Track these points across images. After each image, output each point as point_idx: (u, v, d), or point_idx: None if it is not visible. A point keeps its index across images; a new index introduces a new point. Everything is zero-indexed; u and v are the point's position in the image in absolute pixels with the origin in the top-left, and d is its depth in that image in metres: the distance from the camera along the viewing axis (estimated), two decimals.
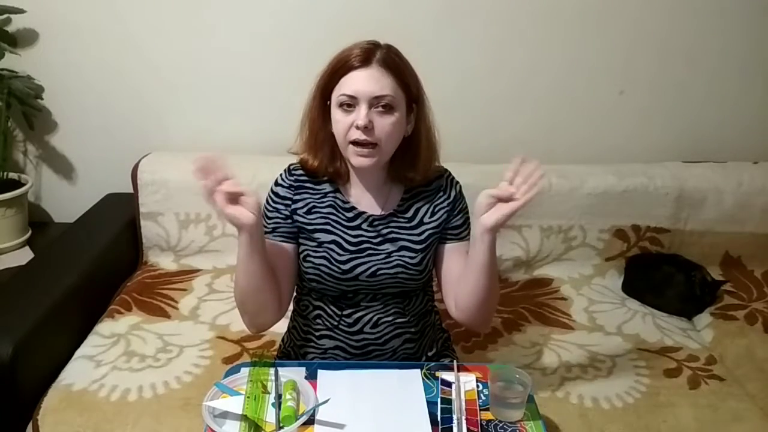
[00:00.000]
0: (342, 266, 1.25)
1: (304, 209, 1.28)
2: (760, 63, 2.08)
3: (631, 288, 1.94)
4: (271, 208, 1.28)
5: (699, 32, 2.03)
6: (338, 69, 1.18)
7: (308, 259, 1.26)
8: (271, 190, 1.30)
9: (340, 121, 1.18)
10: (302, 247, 1.28)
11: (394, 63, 1.18)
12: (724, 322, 1.79)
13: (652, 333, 1.73)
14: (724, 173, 2.00)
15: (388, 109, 1.17)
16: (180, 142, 2.08)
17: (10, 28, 1.99)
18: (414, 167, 1.26)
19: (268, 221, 1.28)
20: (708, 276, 1.89)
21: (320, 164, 1.26)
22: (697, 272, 1.87)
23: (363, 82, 1.16)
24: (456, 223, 1.31)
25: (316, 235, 1.27)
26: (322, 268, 1.25)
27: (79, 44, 2.00)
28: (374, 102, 1.16)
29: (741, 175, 2.00)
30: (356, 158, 1.19)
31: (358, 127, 1.16)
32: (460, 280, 1.24)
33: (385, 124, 1.17)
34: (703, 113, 2.13)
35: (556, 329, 1.73)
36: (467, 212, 1.32)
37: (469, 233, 1.29)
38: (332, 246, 1.26)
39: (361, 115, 1.15)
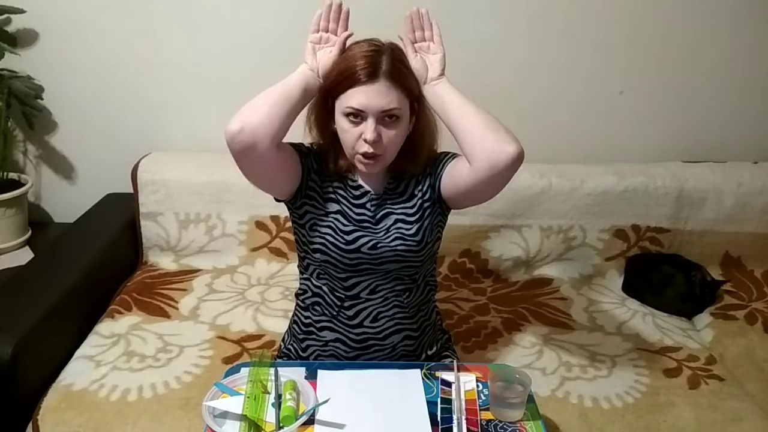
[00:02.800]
0: (346, 236, 1.27)
1: (319, 176, 1.31)
2: (760, 63, 2.08)
3: (631, 288, 1.94)
4: (307, 148, 1.32)
5: (699, 32, 2.03)
6: (343, 80, 1.18)
7: (315, 227, 1.28)
8: (310, 144, 1.33)
9: (347, 131, 1.20)
10: (309, 215, 1.29)
11: (399, 72, 1.19)
12: (724, 322, 1.79)
13: (652, 333, 1.73)
14: (724, 173, 2.00)
15: (395, 119, 1.19)
16: (180, 142, 2.08)
17: (10, 28, 1.98)
18: (415, 162, 1.29)
19: (303, 146, 1.31)
20: (708, 276, 1.89)
21: (335, 164, 1.30)
22: (697, 272, 1.87)
23: (371, 96, 1.16)
24: (439, 160, 1.31)
25: (327, 204, 1.29)
26: (328, 237, 1.27)
27: (79, 44, 2.00)
28: (382, 115, 1.18)
29: (741, 175, 2.00)
30: (363, 166, 1.23)
31: (366, 141, 1.18)
32: (459, 141, 1.21)
33: (391, 134, 1.20)
34: (703, 113, 2.13)
35: (556, 329, 1.73)
36: (440, 153, 1.34)
37: (451, 155, 1.31)
38: (338, 216, 1.29)
39: (369, 129, 1.17)
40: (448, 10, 1.98)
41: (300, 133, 1.31)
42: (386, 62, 1.18)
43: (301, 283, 1.39)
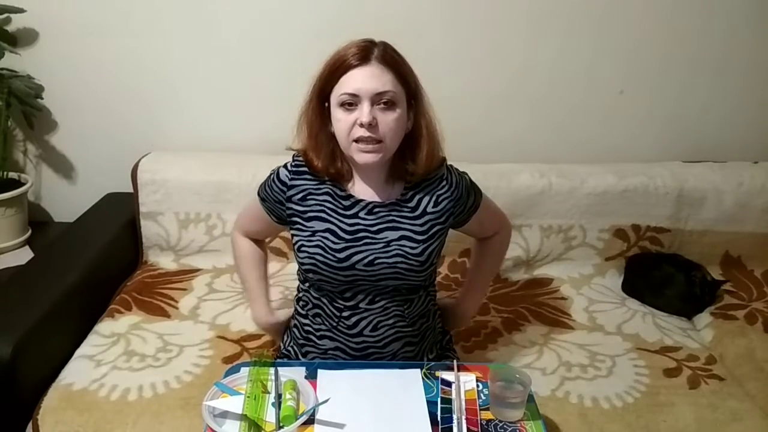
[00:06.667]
0: (337, 254, 1.24)
1: (299, 196, 1.29)
2: (760, 63, 2.08)
3: (631, 288, 1.94)
4: (268, 186, 1.33)
5: (699, 32, 2.03)
6: (336, 69, 1.17)
7: (303, 249, 1.26)
8: (277, 170, 1.33)
9: (342, 120, 1.18)
10: (296, 238, 1.28)
11: (392, 59, 1.19)
12: (724, 322, 1.79)
13: (651, 333, 1.73)
14: (724, 173, 2.00)
15: (390, 105, 1.17)
16: (180, 142, 2.08)
17: (10, 28, 1.98)
18: (415, 162, 1.26)
19: (264, 192, 1.35)
20: (708, 276, 1.89)
21: (323, 165, 1.26)
22: (697, 272, 1.87)
23: (364, 79, 1.15)
24: (469, 204, 1.35)
25: (311, 223, 1.27)
26: (317, 257, 1.24)
27: (79, 44, 2.00)
28: (376, 99, 1.16)
29: (741, 175, 1.99)
30: (361, 155, 1.19)
31: (362, 125, 1.15)
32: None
33: (388, 120, 1.17)
34: (703, 113, 2.13)
35: (556, 329, 1.73)
36: (472, 185, 1.38)
37: (480, 197, 1.39)
38: (326, 234, 1.25)
39: (364, 112, 1.15)
40: (449, 11, 1.98)
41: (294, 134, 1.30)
42: (378, 49, 1.18)
43: (301, 293, 1.37)
